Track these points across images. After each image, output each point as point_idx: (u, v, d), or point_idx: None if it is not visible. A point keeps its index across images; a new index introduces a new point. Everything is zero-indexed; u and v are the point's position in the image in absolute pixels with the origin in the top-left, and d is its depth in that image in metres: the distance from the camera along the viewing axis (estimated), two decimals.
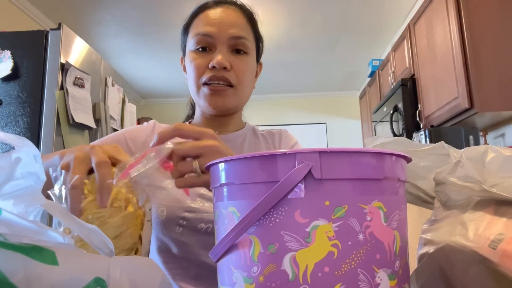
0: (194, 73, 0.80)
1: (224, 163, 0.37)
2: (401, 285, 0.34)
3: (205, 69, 0.78)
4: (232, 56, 0.79)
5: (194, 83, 0.80)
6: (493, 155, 0.41)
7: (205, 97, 0.80)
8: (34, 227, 0.31)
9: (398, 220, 0.35)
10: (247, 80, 0.82)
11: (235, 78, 0.79)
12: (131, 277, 0.29)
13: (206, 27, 0.79)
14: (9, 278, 0.24)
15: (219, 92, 0.79)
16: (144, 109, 5.57)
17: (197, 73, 0.79)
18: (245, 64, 0.81)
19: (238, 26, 0.80)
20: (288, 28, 3.57)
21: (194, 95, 0.83)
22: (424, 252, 0.45)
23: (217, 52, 0.78)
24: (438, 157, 0.50)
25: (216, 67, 0.76)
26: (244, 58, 0.81)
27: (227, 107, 0.82)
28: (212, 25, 0.79)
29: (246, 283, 0.33)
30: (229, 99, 0.80)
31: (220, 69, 0.77)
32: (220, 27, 0.78)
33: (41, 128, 1.98)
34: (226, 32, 0.78)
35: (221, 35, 0.78)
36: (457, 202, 0.44)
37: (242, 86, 0.81)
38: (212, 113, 0.84)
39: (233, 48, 0.79)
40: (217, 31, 0.78)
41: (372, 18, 3.43)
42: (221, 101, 0.79)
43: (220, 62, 0.76)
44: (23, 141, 0.36)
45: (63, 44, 2.08)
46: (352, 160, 0.33)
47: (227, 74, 0.78)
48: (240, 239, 0.34)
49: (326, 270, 0.31)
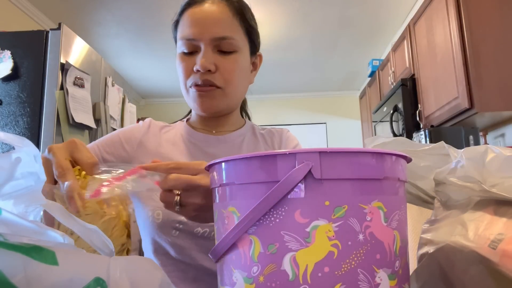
0: (182, 76, 0.79)
1: (224, 163, 0.37)
2: (401, 285, 0.34)
3: (191, 72, 0.77)
4: (218, 56, 0.77)
5: (183, 85, 0.80)
6: (493, 155, 0.41)
7: (193, 99, 0.79)
8: (34, 227, 0.31)
9: (398, 220, 0.35)
10: (236, 79, 0.79)
11: (221, 79, 0.77)
12: (131, 277, 0.29)
13: (189, 29, 0.77)
14: (9, 278, 0.24)
15: (206, 93, 0.77)
16: (144, 109, 5.57)
17: (184, 76, 0.79)
18: (232, 63, 0.78)
19: (221, 25, 0.77)
20: (288, 28, 3.57)
21: (185, 97, 0.82)
22: (424, 252, 0.45)
23: (200, 54, 0.76)
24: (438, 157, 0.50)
25: (200, 70, 0.75)
26: (231, 57, 0.78)
27: (216, 109, 0.80)
28: (195, 26, 0.76)
29: (246, 283, 0.33)
30: (217, 100, 0.79)
31: (204, 72, 0.75)
32: (202, 27, 0.76)
33: (41, 128, 1.98)
34: (208, 33, 0.75)
35: (203, 36, 0.75)
36: (457, 202, 0.44)
37: (231, 86, 0.79)
38: (203, 115, 0.83)
39: (218, 48, 0.77)
40: (199, 32, 0.76)
41: (372, 18, 3.43)
42: (209, 102, 0.78)
43: (203, 66, 0.74)
44: (23, 141, 0.36)
45: (63, 44, 2.08)
46: (352, 160, 0.33)
47: (211, 77, 0.76)
48: (240, 239, 0.34)
49: (326, 270, 0.31)
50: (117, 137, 0.83)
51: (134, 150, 0.83)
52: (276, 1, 3.11)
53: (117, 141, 0.83)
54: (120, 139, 0.83)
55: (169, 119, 1.02)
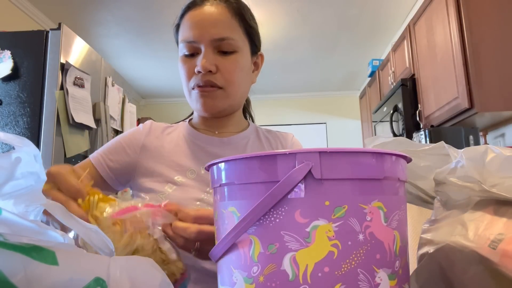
0: (184, 78, 0.81)
1: (224, 163, 0.37)
2: (401, 285, 0.34)
3: (192, 73, 0.78)
4: (218, 57, 0.78)
5: (185, 87, 0.82)
6: (493, 155, 0.41)
7: (196, 100, 0.80)
8: (34, 226, 0.31)
9: (398, 220, 0.35)
10: (237, 79, 0.80)
11: (222, 79, 0.78)
12: (131, 277, 0.29)
13: (189, 31, 0.78)
14: (9, 278, 0.24)
15: (208, 94, 0.78)
16: (144, 109, 5.57)
17: (185, 78, 0.80)
18: (233, 63, 0.79)
19: (221, 26, 0.78)
20: (287, 28, 3.57)
21: (188, 99, 0.83)
22: (424, 252, 0.45)
23: (201, 56, 0.77)
24: (438, 157, 0.50)
25: (201, 71, 0.76)
26: (232, 58, 0.79)
27: (218, 109, 0.81)
28: (195, 29, 0.78)
29: (246, 283, 0.33)
30: (219, 101, 0.80)
31: (205, 73, 0.76)
32: (202, 29, 0.77)
33: (41, 128, 1.98)
34: (208, 34, 0.77)
35: (203, 38, 0.77)
36: (457, 202, 0.44)
37: (232, 87, 0.80)
38: (205, 115, 0.84)
39: (218, 49, 0.78)
40: (199, 34, 0.77)
41: (372, 18, 3.43)
42: (211, 103, 0.79)
43: (204, 67, 0.75)
44: (23, 141, 0.36)
45: (63, 44, 2.08)
46: (352, 160, 0.33)
47: (212, 77, 0.77)
48: (240, 239, 0.34)
49: (326, 270, 0.31)
50: (118, 144, 0.84)
51: (138, 154, 0.83)
52: (276, 1, 3.11)
53: (119, 147, 0.83)
54: (122, 145, 0.84)
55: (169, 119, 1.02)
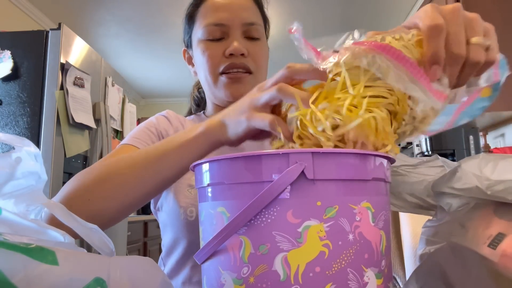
0: (209, 63, 0.75)
1: (214, 163, 0.36)
2: (387, 284, 0.35)
3: (220, 58, 0.74)
4: (247, 42, 0.75)
5: (210, 73, 0.76)
6: (490, 162, 0.41)
7: (224, 86, 0.75)
8: (34, 226, 0.31)
9: (384, 220, 0.35)
10: (264, 66, 0.79)
11: (253, 64, 0.75)
12: (131, 277, 0.29)
13: (217, 14, 0.74)
14: (9, 278, 0.24)
15: (239, 79, 0.74)
16: (144, 109, 5.57)
17: (212, 63, 0.75)
18: (261, 50, 0.77)
19: (249, 10, 0.76)
20: (287, 28, 3.57)
21: (210, 87, 0.78)
22: (424, 252, 0.45)
23: (232, 39, 0.74)
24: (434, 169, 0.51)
25: (234, 54, 0.73)
26: (258, 44, 0.77)
27: None
28: (223, 11, 0.74)
29: (235, 284, 0.33)
30: (249, 87, 0.75)
31: (237, 56, 0.73)
32: (232, 12, 0.74)
33: (41, 128, 1.98)
34: (239, 18, 0.74)
35: (234, 22, 0.74)
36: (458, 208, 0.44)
37: (260, 73, 0.77)
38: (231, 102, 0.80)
39: (246, 34, 0.75)
40: (229, 17, 0.74)
41: (372, 18, 3.43)
42: (242, 88, 0.74)
43: (237, 49, 0.72)
44: (23, 141, 0.36)
45: (63, 44, 2.08)
46: (344, 161, 0.33)
47: (245, 61, 0.74)
48: (230, 240, 0.33)
49: (317, 270, 0.31)
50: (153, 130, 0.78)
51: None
52: (276, 1, 3.11)
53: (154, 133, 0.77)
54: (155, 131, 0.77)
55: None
